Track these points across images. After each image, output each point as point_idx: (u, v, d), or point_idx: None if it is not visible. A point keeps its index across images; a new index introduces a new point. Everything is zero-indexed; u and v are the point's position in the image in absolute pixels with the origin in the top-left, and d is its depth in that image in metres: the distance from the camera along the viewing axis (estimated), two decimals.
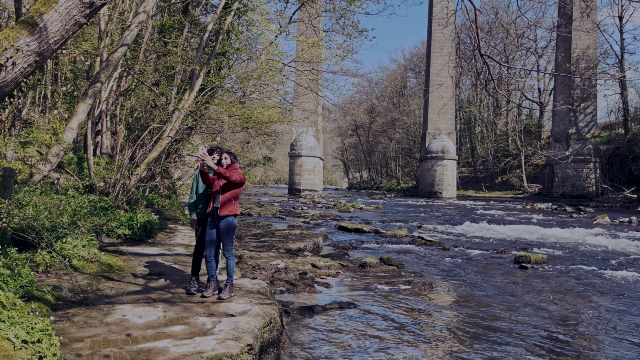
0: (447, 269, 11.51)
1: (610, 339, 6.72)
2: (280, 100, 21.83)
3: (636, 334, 6.97)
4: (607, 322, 7.50)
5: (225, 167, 6.15)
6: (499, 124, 71.16)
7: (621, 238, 17.91)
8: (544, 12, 67.18)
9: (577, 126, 51.35)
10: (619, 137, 52.93)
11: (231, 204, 6.07)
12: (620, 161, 49.82)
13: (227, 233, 6.05)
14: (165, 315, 5.23)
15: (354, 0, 13.69)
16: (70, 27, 4.71)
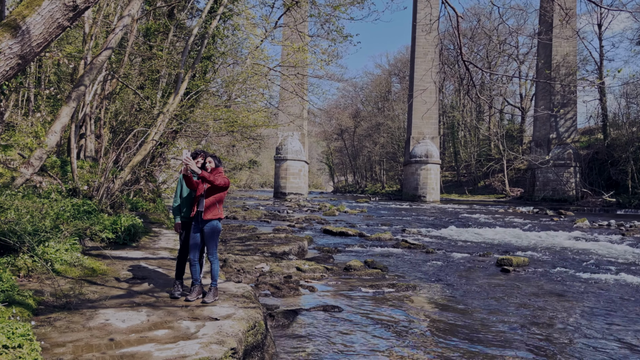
0: (431, 272, 11.57)
1: (590, 340, 6.81)
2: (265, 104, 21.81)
3: (614, 335, 7.07)
4: (587, 324, 7.60)
5: (209, 171, 6.11)
6: (481, 128, 71.84)
7: (600, 241, 18.17)
8: (525, 20, 68.12)
9: (558, 131, 52.05)
10: (598, 142, 53.76)
11: (215, 208, 6.04)
12: (600, 166, 50.59)
13: (212, 237, 6.03)
14: (148, 320, 5.18)
15: (338, 6, 13.75)
16: (54, 30, 4.66)
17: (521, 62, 72.59)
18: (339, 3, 13.53)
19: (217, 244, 6.24)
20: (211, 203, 6.02)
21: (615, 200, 45.50)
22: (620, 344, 6.68)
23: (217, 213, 6.05)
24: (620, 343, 6.70)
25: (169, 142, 14.36)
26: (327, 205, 38.02)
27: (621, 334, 7.09)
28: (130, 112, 14.32)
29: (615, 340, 6.83)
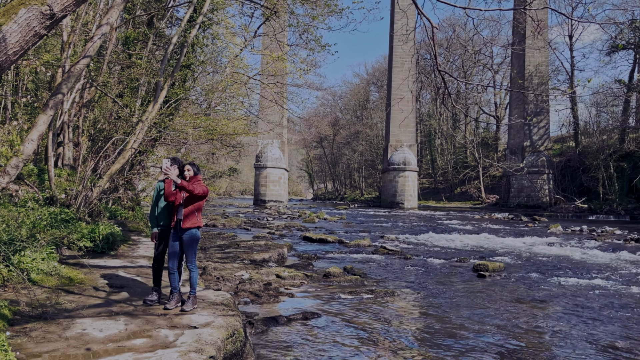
0: (409, 278, 11.63)
1: (563, 343, 6.92)
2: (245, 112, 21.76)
3: (586, 338, 7.19)
4: (561, 327, 7.72)
5: (187, 179, 6.10)
6: (457, 137, 72.73)
7: (573, 246, 18.51)
8: (499, 30, 69.45)
9: (532, 139, 52.96)
10: (570, 150, 54.83)
11: (194, 216, 6.02)
12: (572, 173, 51.59)
13: (191, 245, 6.00)
14: (126, 329, 5.10)
15: (316, 16, 13.83)
16: (30, 38, 4.60)
17: (496, 72, 73.83)
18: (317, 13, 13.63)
19: (196, 252, 6.21)
20: (190, 212, 5.99)
21: (587, 206, 46.41)
22: (593, 346, 6.80)
23: (196, 221, 6.03)
24: (593, 345, 6.82)
25: (148, 150, 14.22)
26: (307, 213, 38.00)
27: (593, 337, 7.22)
28: (109, 120, 14.15)
29: (588, 342, 6.95)
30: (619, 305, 9.16)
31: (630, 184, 44.53)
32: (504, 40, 68.75)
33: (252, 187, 73.57)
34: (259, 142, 54.62)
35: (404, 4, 49.13)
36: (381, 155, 70.09)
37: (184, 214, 5.97)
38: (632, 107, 50.45)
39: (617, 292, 10.36)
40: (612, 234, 23.99)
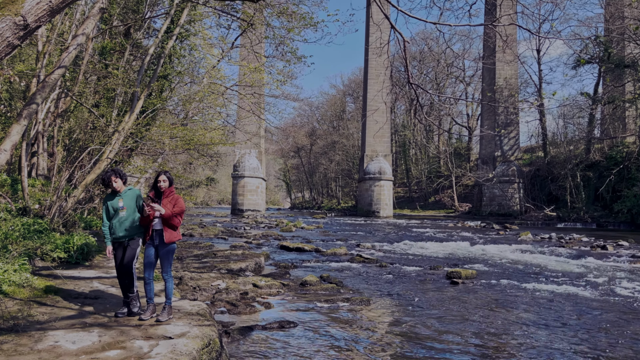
0: (384, 286, 11.67)
1: (533, 348, 7.01)
2: (223, 123, 21.65)
3: (555, 343, 7.30)
4: (531, 332, 7.83)
5: (162, 191, 6.10)
6: (430, 147, 73.62)
7: (542, 253, 18.83)
8: (471, 44, 70.72)
9: (502, 149, 53.88)
10: (539, 160, 55.95)
11: (175, 231, 6.07)
12: (541, 182, 52.61)
13: (167, 256, 5.99)
14: (100, 340, 4.99)
15: (292, 29, 13.89)
16: (3, 48, 4.51)
17: (467, 84, 75.12)
18: (293, 26, 13.69)
19: (172, 263, 6.17)
20: (170, 226, 6.01)
21: (556, 214, 47.33)
22: (560, 350, 6.91)
23: (176, 235, 6.07)
24: (560, 349, 6.93)
25: (124, 160, 14.02)
26: (284, 222, 37.87)
27: (561, 341, 7.34)
28: (85, 130, 13.92)
29: (556, 347, 7.06)
30: (586, 311, 9.34)
31: (596, 193, 45.60)
32: (475, 54, 70.16)
33: (230, 196, 73.03)
34: (237, 152, 54.35)
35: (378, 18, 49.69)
36: (357, 165, 70.42)
37: (164, 229, 5.98)
38: (597, 119, 51.80)
39: (584, 297, 10.56)
40: (579, 241, 24.48)
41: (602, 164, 45.96)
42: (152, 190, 6.20)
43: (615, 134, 48.08)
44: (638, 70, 42.04)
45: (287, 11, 13.00)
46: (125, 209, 6.14)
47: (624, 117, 48.00)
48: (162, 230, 6.00)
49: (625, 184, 42.18)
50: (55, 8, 4.75)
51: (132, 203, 6.21)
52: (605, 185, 43.70)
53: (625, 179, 42.64)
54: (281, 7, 13.08)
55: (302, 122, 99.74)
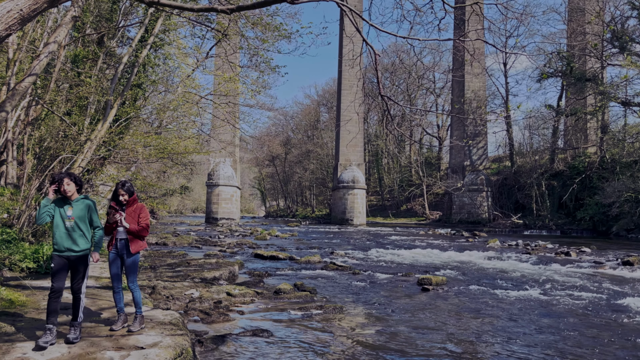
0: (357, 293, 11.68)
1: (501, 351, 7.10)
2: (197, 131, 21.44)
3: (521, 346, 7.42)
4: (499, 337, 7.94)
5: (124, 204, 5.85)
6: (401, 157, 74.41)
7: (510, 260, 19.15)
8: (441, 57, 71.86)
9: (471, 159, 54.81)
10: (506, 169, 57.09)
11: (141, 240, 5.91)
12: (508, 190, 53.65)
13: (134, 266, 5.86)
14: (70, 352, 4.86)
15: (266, 40, 13.91)
16: None
17: (438, 96, 76.31)
18: (267, 37, 13.71)
19: (138, 272, 6.04)
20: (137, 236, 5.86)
21: (522, 222, 48.27)
22: (527, 353, 7.01)
23: (142, 244, 5.92)
24: (527, 352, 7.04)
25: (97, 168, 13.74)
26: (259, 230, 37.63)
27: (528, 345, 7.46)
28: (56, 139, 13.60)
29: (522, 350, 7.17)
30: (551, 315, 9.52)
31: (560, 201, 46.73)
32: (445, 66, 71.34)
33: (204, 204, 72.24)
34: (211, 161, 53.88)
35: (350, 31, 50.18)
36: (331, 174, 70.62)
37: (130, 239, 5.79)
38: (560, 130, 53.23)
39: (549, 302, 10.77)
40: (544, 248, 25.00)
41: (566, 174, 47.16)
42: (113, 200, 5.91)
43: (577, 144, 49.46)
44: (598, 84, 43.38)
45: (261, 22, 13.02)
46: (72, 219, 5.41)
47: (586, 128, 49.44)
48: (127, 240, 5.79)
49: (587, 192, 43.37)
50: (26, 16, 4.64)
51: (84, 214, 5.49)
52: (569, 193, 44.84)
53: (587, 187, 43.83)
54: (255, 19, 13.09)
55: (277, 131, 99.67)
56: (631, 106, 42.40)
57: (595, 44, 43.86)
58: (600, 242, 31.34)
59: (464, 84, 54.53)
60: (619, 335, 8.09)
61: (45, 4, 4.67)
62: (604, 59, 44.42)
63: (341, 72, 58.04)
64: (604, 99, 42.87)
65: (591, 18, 44.38)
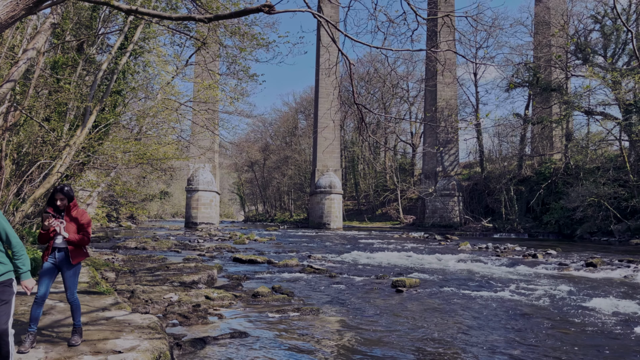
0: (333, 295, 11.69)
1: (472, 350, 7.19)
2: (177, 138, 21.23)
3: (491, 345, 7.52)
4: (470, 336, 8.03)
5: (62, 210, 5.28)
6: (376, 164, 74.94)
7: (480, 262, 19.42)
8: (414, 67, 72.75)
9: (443, 165, 55.49)
10: (477, 175, 57.95)
11: (82, 249, 5.43)
12: (479, 195, 54.44)
13: (74, 277, 5.35)
14: (46, 357, 4.74)
15: (243, 49, 13.88)
16: None
17: (411, 104, 77.13)
18: (245, 46, 13.69)
19: (77, 283, 5.56)
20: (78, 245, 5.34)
21: (492, 226, 49.02)
22: (496, 352, 7.12)
23: (84, 253, 5.47)
24: (496, 352, 7.15)
25: (76, 174, 13.48)
26: (238, 234, 37.36)
27: (497, 344, 7.57)
28: (35, 144, 13.31)
29: (492, 349, 7.28)
30: (519, 315, 9.69)
31: (528, 205, 47.62)
32: (418, 76, 72.20)
33: (184, 209, 71.47)
34: (191, 166, 53.36)
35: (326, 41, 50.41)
36: (309, 179, 70.66)
37: (70, 249, 5.26)
38: (527, 138, 54.33)
39: (517, 302, 10.95)
40: (513, 251, 25.43)
41: (533, 179, 48.12)
42: (50, 206, 5.30)
43: (543, 151, 50.54)
44: (563, 94, 44.47)
45: (240, 31, 12.99)
46: None
47: (551, 136, 50.59)
48: (67, 249, 5.24)
49: (553, 197, 44.31)
50: (3, 23, 4.55)
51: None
52: (536, 198, 45.73)
53: (553, 192, 44.78)
54: (234, 27, 13.05)
55: (256, 138, 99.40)
56: (593, 115, 43.57)
57: (559, 56, 44.98)
58: (566, 244, 32.04)
59: (436, 93, 55.26)
60: (582, 333, 8.28)
61: (23, 11, 4.58)
62: (568, 70, 45.57)
63: (318, 81, 58.22)
64: (568, 108, 43.96)
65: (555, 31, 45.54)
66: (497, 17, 56.29)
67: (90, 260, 13.56)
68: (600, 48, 43.15)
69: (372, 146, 77.72)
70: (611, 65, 40.17)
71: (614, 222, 35.95)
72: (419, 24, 8.48)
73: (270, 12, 4.23)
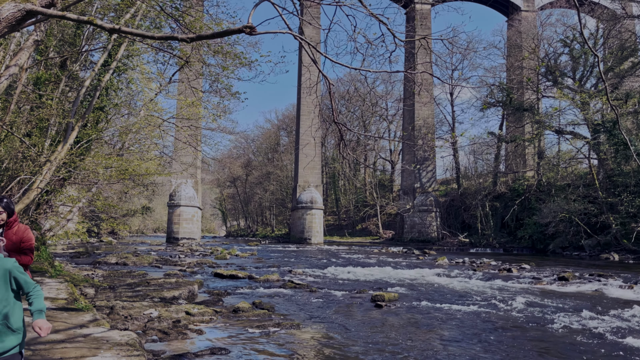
0: (313, 310, 11.60)
1: None
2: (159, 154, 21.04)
3: (467, 356, 7.53)
4: (447, 349, 8.03)
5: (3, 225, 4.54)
6: (355, 180, 75.32)
7: (457, 277, 19.53)
8: (393, 87, 73.66)
9: (421, 181, 56.00)
10: (453, 191, 58.59)
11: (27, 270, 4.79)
12: (455, 211, 54.98)
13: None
14: None
15: (226, 67, 13.91)
16: None
17: (390, 122, 77.93)
18: (228, 64, 13.73)
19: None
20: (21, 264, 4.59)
21: (469, 241, 49.47)
22: None
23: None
24: None
25: (56, 189, 13.22)
26: (219, 249, 36.93)
27: (474, 356, 7.58)
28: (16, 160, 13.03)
29: None
30: (494, 328, 9.74)
31: (503, 221, 48.23)
32: (397, 95, 73.09)
33: (166, 225, 70.52)
34: (173, 182, 52.81)
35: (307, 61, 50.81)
36: (291, 195, 70.49)
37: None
38: (502, 155, 55.26)
39: (493, 316, 11.02)
40: (488, 265, 25.65)
41: (507, 195, 48.84)
42: None
43: (517, 168, 51.42)
44: (535, 114, 45.49)
45: (222, 50, 13.03)
46: None
47: (524, 154, 51.56)
48: None
49: (527, 213, 44.98)
50: None
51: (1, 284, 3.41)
52: (510, 214, 46.38)
53: (526, 208, 45.47)
54: (217, 47, 13.08)
55: (238, 154, 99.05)
56: (564, 134, 44.61)
57: (529, 79, 46.10)
58: (539, 259, 32.46)
59: (414, 112, 55.98)
60: (555, 345, 8.35)
61: (5, 28, 4.53)
62: (539, 91, 46.70)
63: (300, 99, 58.53)
64: (539, 128, 44.93)
65: (525, 55, 46.75)
66: (472, 40, 57.58)
67: (70, 276, 13.24)
68: (570, 70, 44.39)
69: (352, 163, 78.10)
70: (580, 87, 41.31)
71: (585, 237, 36.61)
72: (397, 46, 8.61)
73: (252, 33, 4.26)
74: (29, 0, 4.61)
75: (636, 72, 40.49)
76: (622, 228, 34.81)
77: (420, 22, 55.27)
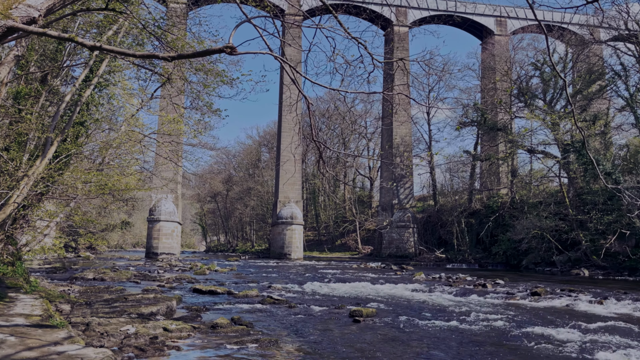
0: (292, 326, 11.49)
1: None
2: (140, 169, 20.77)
3: None
4: None
5: None
6: (336, 196, 75.48)
7: (434, 292, 19.60)
8: (371, 106, 74.53)
9: (399, 198, 56.41)
10: (430, 208, 59.12)
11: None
12: (432, 227, 55.42)
13: None
14: None
15: (207, 85, 13.91)
16: None
17: (369, 140, 78.64)
18: (209, 82, 13.72)
19: None
20: None
21: (445, 256, 49.82)
22: None
23: None
24: None
25: (33, 204, 12.92)
26: (199, 265, 36.40)
27: None
28: None
29: None
30: (471, 342, 9.78)
31: (478, 237, 48.78)
32: (376, 114, 73.93)
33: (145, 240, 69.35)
34: (153, 197, 52.11)
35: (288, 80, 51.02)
36: (271, 210, 70.14)
37: None
38: (477, 173, 56.11)
39: (469, 330, 11.07)
40: (464, 280, 25.83)
41: (482, 212, 49.48)
42: None
43: (491, 186, 52.24)
44: (508, 133, 46.42)
45: (204, 68, 13.03)
46: None
47: (498, 172, 52.47)
48: None
49: (501, 229, 45.60)
50: None
51: None
52: (485, 230, 46.96)
53: (500, 225, 46.11)
54: (198, 64, 13.09)
55: (219, 169, 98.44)
56: (535, 153, 45.60)
57: (500, 101, 47.16)
58: (512, 274, 32.84)
59: (392, 131, 56.62)
60: (527, 359, 8.43)
61: None
62: (511, 112, 47.76)
63: (281, 116, 58.69)
64: (512, 147, 45.85)
65: (496, 79, 47.91)
66: (447, 62, 58.76)
67: (45, 292, 12.88)
68: (540, 92, 45.57)
69: (332, 179, 78.35)
70: (550, 109, 42.40)
71: (556, 253, 37.22)
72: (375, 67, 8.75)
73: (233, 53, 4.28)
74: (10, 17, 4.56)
75: (603, 94, 41.80)
76: (592, 245, 35.54)
77: (398, 44, 56.26)
